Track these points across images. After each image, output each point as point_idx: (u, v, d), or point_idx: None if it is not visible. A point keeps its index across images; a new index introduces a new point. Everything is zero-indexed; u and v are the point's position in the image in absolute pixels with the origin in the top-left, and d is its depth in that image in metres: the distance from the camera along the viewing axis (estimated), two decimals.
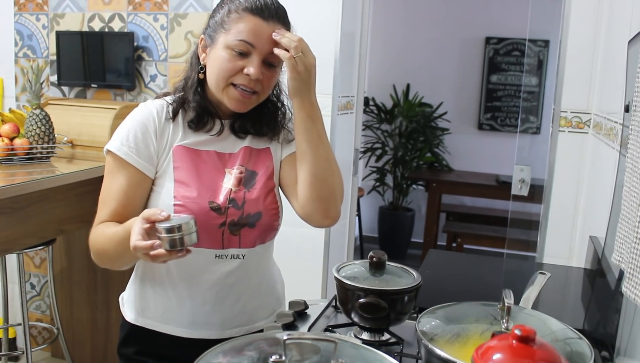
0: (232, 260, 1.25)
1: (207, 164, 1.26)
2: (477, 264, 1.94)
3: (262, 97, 1.25)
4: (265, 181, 1.28)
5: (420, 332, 0.93)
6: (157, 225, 1.02)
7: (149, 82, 2.80)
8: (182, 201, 1.20)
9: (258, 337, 0.89)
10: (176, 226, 1.01)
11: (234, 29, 1.18)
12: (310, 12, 2.39)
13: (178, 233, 1.01)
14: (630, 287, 0.82)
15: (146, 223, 1.03)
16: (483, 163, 5.07)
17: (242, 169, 1.27)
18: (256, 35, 1.17)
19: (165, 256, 1.01)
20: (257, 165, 1.30)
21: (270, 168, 1.31)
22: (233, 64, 1.18)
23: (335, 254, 2.60)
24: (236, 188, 1.25)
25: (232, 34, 1.18)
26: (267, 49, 1.18)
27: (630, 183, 0.88)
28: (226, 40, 1.19)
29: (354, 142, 2.73)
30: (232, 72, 1.19)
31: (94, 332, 2.90)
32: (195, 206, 1.20)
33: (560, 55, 2.15)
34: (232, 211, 1.23)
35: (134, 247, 1.01)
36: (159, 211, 1.03)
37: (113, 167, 1.24)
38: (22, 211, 2.08)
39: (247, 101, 1.22)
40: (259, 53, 1.18)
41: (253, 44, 1.17)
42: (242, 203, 1.24)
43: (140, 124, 1.25)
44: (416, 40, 5.16)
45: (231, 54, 1.18)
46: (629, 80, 1.12)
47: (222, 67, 1.19)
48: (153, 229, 1.03)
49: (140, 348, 1.31)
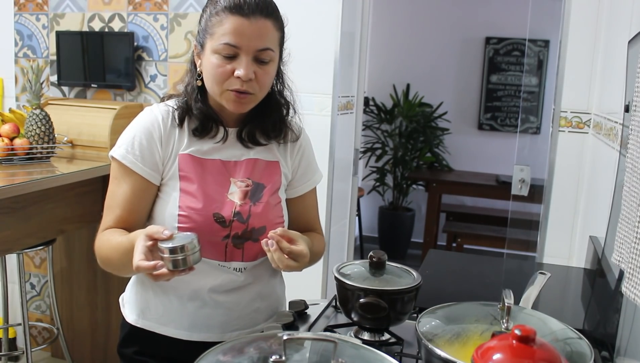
0: (234, 271, 1.25)
1: (213, 174, 1.24)
2: (477, 264, 1.94)
3: (260, 96, 1.23)
4: (271, 195, 1.27)
5: (420, 332, 0.93)
6: (160, 245, 1.01)
7: (149, 82, 2.80)
8: (186, 211, 1.20)
9: (258, 337, 0.89)
10: (179, 246, 1.00)
11: (217, 32, 1.16)
12: (310, 12, 2.39)
13: (181, 253, 1.00)
14: (630, 287, 0.82)
15: (149, 241, 1.03)
16: (483, 163, 5.07)
17: (249, 182, 1.26)
18: (239, 35, 1.14)
19: (168, 276, 1.01)
20: (264, 178, 1.28)
21: (278, 182, 1.30)
22: (223, 69, 1.16)
23: (335, 254, 2.60)
24: (242, 201, 1.24)
25: (216, 38, 1.16)
26: (254, 47, 1.15)
27: (630, 183, 0.88)
28: (212, 46, 1.17)
29: (354, 142, 2.73)
30: (223, 77, 1.17)
31: (94, 332, 2.90)
32: (200, 218, 1.20)
33: (560, 55, 2.15)
34: (236, 225, 1.22)
35: (136, 267, 1.00)
36: (162, 229, 1.03)
37: (118, 174, 1.23)
38: (22, 211, 2.08)
39: (244, 100, 1.19)
40: (246, 53, 1.15)
41: (237, 45, 1.15)
42: (247, 217, 1.23)
43: (145, 130, 1.23)
44: (416, 40, 5.16)
45: (219, 58, 1.16)
46: (629, 80, 1.12)
47: (213, 74, 1.18)
48: (156, 246, 1.02)
49: (140, 349, 1.31)
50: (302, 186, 1.37)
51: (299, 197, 1.37)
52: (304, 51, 2.36)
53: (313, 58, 2.40)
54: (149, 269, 1.00)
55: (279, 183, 1.30)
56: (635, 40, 1.16)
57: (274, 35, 1.19)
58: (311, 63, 2.39)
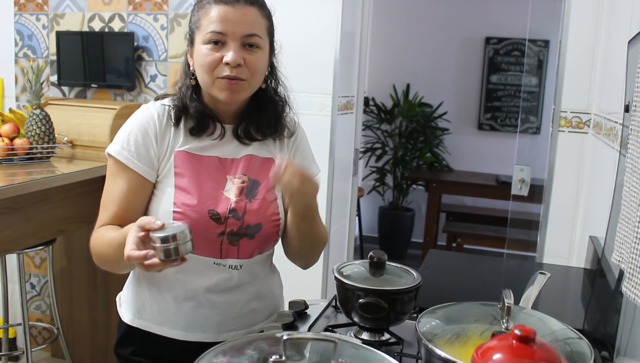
0: (230, 269, 1.25)
1: (209, 170, 1.25)
2: (477, 264, 1.94)
3: (253, 83, 1.23)
4: (267, 192, 1.27)
5: (420, 332, 0.93)
6: (152, 234, 1.01)
7: (149, 82, 2.80)
8: (181, 208, 1.20)
9: (258, 337, 0.89)
10: (170, 235, 1.00)
11: (204, 23, 1.20)
12: (310, 12, 2.39)
13: (173, 242, 1.00)
14: (630, 287, 0.82)
15: (141, 231, 1.03)
16: (483, 163, 5.07)
17: (245, 178, 1.26)
18: (224, 21, 1.18)
19: (159, 266, 1.00)
20: (260, 174, 1.28)
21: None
22: (212, 57, 1.19)
23: (335, 254, 2.60)
24: (237, 198, 1.24)
25: (202, 29, 1.20)
26: (240, 32, 1.18)
27: (630, 183, 0.88)
28: (201, 37, 1.20)
29: (354, 142, 2.73)
30: (213, 65, 1.19)
31: (94, 332, 2.90)
32: (195, 214, 1.20)
33: (560, 55, 2.15)
34: (231, 221, 1.22)
35: (127, 256, 1.00)
36: (153, 220, 1.02)
37: (114, 170, 1.24)
38: (22, 211, 2.08)
39: (236, 86, 1.20)
40: (232, 39, 1.18)
41: (223, 32, 1.18)
42: (243, 214, 1.23)
43: (140, 127, 1.24)
44: (416, 41, 5.16)
45: (208, 48, 1.19)
46: (629, 80, 1.11)
47: (203, 63, 1.20)
48: (148, 237, 1.02)
49: (137, 349, 1.30)
50: None
51: None
52: (304, 50, 2.36)
53: (313, 58, 2.40)
54: (139, 258, 0.99)
55: None
56: (635, 40, 1.16)
57: (260, 22, 1.22)
58: (311, 63, 2.39)
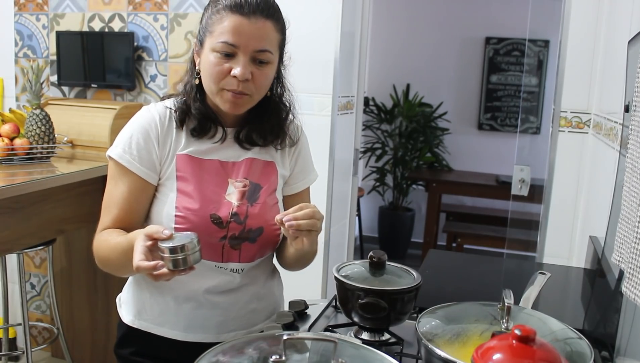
0: (231, 272, 1.25)
1: (210, 174, 1.24)
2: (477, 264, 1.94)
3: (256, 98, 1.22)
4: (268, 195, 1.27)
5: (420, 332, 0.93)
6: (160, 244, 1.00)
7: (149, 82, 2.80)
8: (183, 212, 1.19)
9: (258, 337, 0.89)
10: (179, 246, 0.99)
11: (217, 30, 1.16)
12: (310, 12, 2.39)
13: (181, 253, 0.99)
14: (630, 287, 0.82)
15: (149, 240, 1.02)
16: (483, 163, 5.07)
17: (246, 182, 1.26)
18: (238, 34, 1.14)
19: (168, 276, 1.00)
20: (261, 178, 1.28)
21: (274, 182, 1.30)
22: (220, 68, 1.16)
23: (335, 254, 2.60)
24: (239, 202, 1.23)
25: (215, 36, 1.16)
26: (252, 47, 1.15)
27: (630, 183, 0.88)
28: (211, 44, 1.16)
29: (354, 142, 2.73)
30: (220, 75, 1.16)
31: (94, 332, 2.90)
32: (197, 219, 1.19)
33: (560, 55, 2.15)
34: (233, 226, 1.22)
35: (137, 267, 1.00)
36: (161, 229, 1.02)
37: (115, 173, 1.23)
38: (22, 211, 2.08)
39: (240, 101, 1.19)
40: (244, 52, 1.15)
41: (236, 44, 1.14)
42: (245, 218, 1.23)
43: (142, 130, 1.23)
44: (416, 40, 5.16)
45: (217, 56, 1.16)
46: (629, 80, 1.11)
47: (210, 72, 1.17)
48: (156, 246, 1.02)
49: (137, 350, 1.30)
50: (298, 183, 1.37)
51: (294, 195, 1.36)
52: (304, 50, 2.36)
53: (313, 58, 2.40)
54: (149, 269, 0.99)
55: (275, 183, 1.30)
56: (635, 40, 1.16)
57: (273, 37, 1.19)
58: (311, 63, 2.39)
